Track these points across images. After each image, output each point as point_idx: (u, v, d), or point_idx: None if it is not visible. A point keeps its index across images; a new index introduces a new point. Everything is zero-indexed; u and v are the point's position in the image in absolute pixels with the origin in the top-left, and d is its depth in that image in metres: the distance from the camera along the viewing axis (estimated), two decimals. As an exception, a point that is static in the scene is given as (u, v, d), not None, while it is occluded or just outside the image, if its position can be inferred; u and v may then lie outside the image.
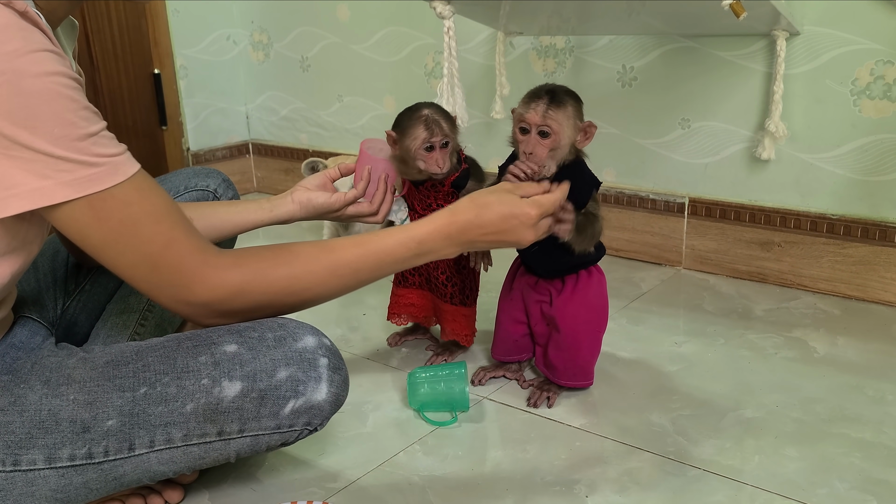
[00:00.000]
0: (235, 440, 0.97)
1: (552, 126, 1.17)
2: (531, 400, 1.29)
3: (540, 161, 1.18)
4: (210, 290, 0.94)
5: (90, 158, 0.82)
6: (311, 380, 0.97)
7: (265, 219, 1.23)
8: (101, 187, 0.83)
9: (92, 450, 0.92)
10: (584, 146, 1.21)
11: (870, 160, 1.61)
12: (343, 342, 1.55)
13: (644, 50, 1.83)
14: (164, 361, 0.95)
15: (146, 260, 0.89)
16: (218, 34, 2.61)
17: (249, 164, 2.77)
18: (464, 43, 2.05)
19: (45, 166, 0.80)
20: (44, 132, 0.79)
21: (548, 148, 1.18)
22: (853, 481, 1.06)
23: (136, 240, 0.88)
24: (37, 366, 0.95)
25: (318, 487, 1.09)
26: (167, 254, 0.90)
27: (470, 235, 1.05)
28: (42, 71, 0.78)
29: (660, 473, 1.09)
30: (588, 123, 1.20)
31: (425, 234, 1.04)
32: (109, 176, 0.84)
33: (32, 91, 0.78)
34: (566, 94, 1.20)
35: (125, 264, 0.90)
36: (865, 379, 1.33)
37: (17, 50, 0.77)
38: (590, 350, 1.30)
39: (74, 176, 0.82)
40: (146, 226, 0.88)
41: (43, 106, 0.79)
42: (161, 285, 0.92)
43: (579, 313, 1.27)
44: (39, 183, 0.80)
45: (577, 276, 1.28)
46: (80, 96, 0.82)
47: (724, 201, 1.80)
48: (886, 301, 1.63)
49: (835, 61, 1.60)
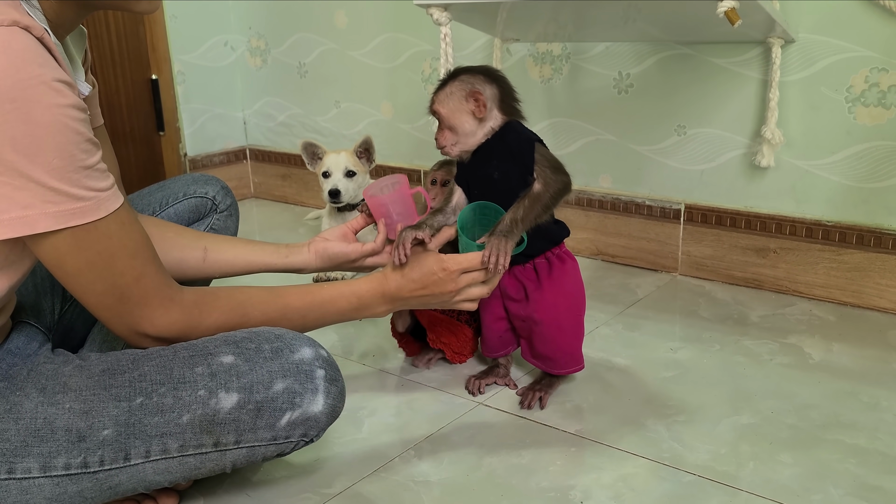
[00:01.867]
0: (231, 451, 0.97)
1: (439, 111, 1.21)
2: (524, 402, 1.30)
3: (443, 144, 1.22)
4: (168, 325, 0.98)
5: (80, 192, 0.84)
6: (307, 391, 0.98)
7: (279, 264, 1.28)
8: (85, 220, 0.85)
9: (87, 459, 0.92)
10: (481, 115, 1.19)
11: (865, 167, 1.61)
12: (338, 348, 1.55)
13: (640, 57, 1.84)
14: (161, 371, 0.95)
15: (115, 291, 0.92)
16: (216, 40, 2.61)
17: (247, 169, 2.78)
18: (460, 49, 2.06)
19: (33, 196, 0.81)
20: (42, 162, 0.80)
21: (446, 132, 1.22)
22: (848, 487, 1.06)
23: (108, 272, 0.91)
24: (33, 373, 0.95)
25: (312, 493, 1.09)
26: (136, 287, 0.93)
27: (402, 294, 1.14)
28: (53, 102, 0.80)
29: (655, 479, 1.09)
30: (470, 90, 1.19)
31: (364, 290, 1.14)
32: (94, 211, 0.86)
33: (41, 122, 0.79)
34: (453, 74, 1.23)
35: (93, 292, 0.92)
36: (860, 385, 1.33)
37: (33, 77, 0.78)
38: (574, 336, 1.31)
39: (59, 208, 0.83)
40: (122, 259, 0.91)
41: (48, 137, 0.80)
42: (122, 314, 0.95)
43: (558, 303, 1.27)
44: (22, 212, 0.82)
45: (549, 266, 1.27)
46: (85, 128, 0.84)
47: (720, 208, 1.81)
48: (882, 308, 1.64)
49: (830, 69, 1.61)
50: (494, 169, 1.20)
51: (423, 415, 1.29)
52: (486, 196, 1.19)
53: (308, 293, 1.12)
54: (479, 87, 1.19)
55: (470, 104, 1.20)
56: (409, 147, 2.34)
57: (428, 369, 1.45)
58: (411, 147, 2.33)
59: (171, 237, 1.20)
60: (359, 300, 1.14)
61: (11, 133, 0.78)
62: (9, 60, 0.77)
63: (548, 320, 1.27)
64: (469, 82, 1.20)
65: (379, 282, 1.15)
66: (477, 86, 1.20)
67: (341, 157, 1.94)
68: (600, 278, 1.87)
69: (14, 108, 0.77)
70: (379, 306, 1.15)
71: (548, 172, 1.17)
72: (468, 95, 1.19)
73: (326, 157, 1.96)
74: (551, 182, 1.17)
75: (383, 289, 1.14)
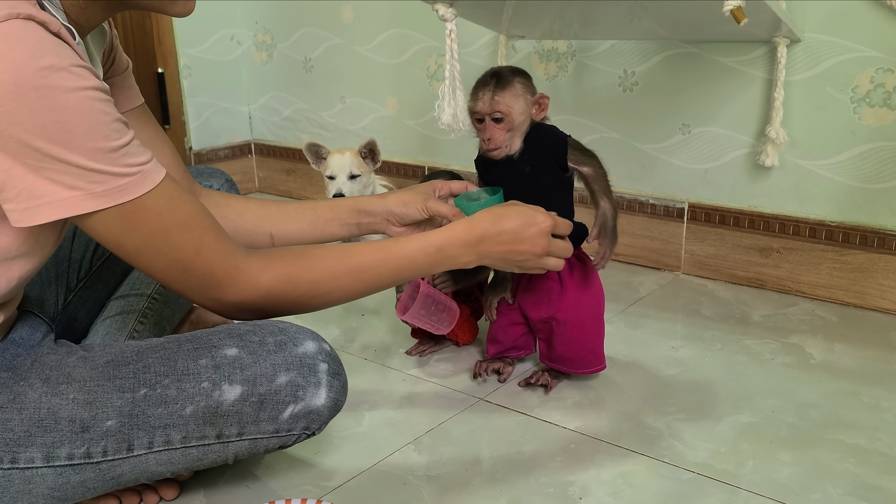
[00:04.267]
0: (234, 443, 0.98)
1: (502, 109, 1.21)
2: (531, 378, 1.32)
3: (499, 144, 1.22)
4: (241, 293, 0.96)
5: (122, 169, 0.84)
6: (310, 385, 0.98)
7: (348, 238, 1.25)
8: (132, 196, 0.85)
9: (90, 449, 0.93)
10: (540, 118, 1.25)
11: (869, 168, 1.61)
12: (341, 342, 1.56)
13: (645, 55, 1.84)
14: (165, 363, 0.95)
15: (178, 265, 0.92)
16: (222, 34, 2.62)
17: (251, 163, 2.78)
18: (466, 46, 2.06)
19: (77, 177, 0.81)
20: (77, 146, 0.80)
21: (504, 131, 1.22)
22: (847, 487, 1.06)
23: (167, 247, 0.90)
24: (36, 363, 0.95)
25: (312, 486, 1.09)
26: (198, 259, 0.92)
27: (487, 244, 1.08)
28: (76, 86, 0.80)
29: (654, 477, 1.09)
30: (540, 95, 1.24)
31: (444, 240, 1.06)
32: (139, 185, 0.85)
33: (67, 106, 0.79)
34: (511, 73, 1.24)
35: (158, 269, 0.92)
36: (861, 385, 1.33)
37: (52, 66, 0.78)
38: (596, 335, 1.33)
39: (106, 187, 0.83)
40: (177, 234, 0.90)
41: (77, 121, 0.80)
42: (193, 287, 0.95)
43: (581, 302, 1.29)
44: (69, 193, 0.81)
45: (570, 266, 1.28)
46: (112, 109, 0.84)
47: (724, 207, 1.80)
48: (884, 308, 1.64)
49: (835, 68, 1.60)
50: (525, 164, 1.24)
51: (424, 409, 1.29)
52: (517, 191, 1.18)
53: (382, 250, 1.05)
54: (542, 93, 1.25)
55: (532, 106, 1.23)
56: (413, 143, 2.34)
57: (421, 357, 1.47)
58: (416, 143, 2.33)
59: (233, 219, 1.18)
60: (437, 251, 1.06)
61: (41, 122, 0.78)
62: (27, 50, 0.77)
63: (571, 320, 1.28)
64: (530, 86, 1.24)
65: (464, 228, 1.07)
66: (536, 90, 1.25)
67: (346, 158, 1.93)
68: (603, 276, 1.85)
69: (39, 97, 0.77)
70: (463, 255, 1.07)
71: (587, 159, 1.25)
72: (537, 99, 1.23)
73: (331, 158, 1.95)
74: (597, 164, 1.25)
75: (468, 237, 1.07)
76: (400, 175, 2.35)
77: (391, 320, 1.64)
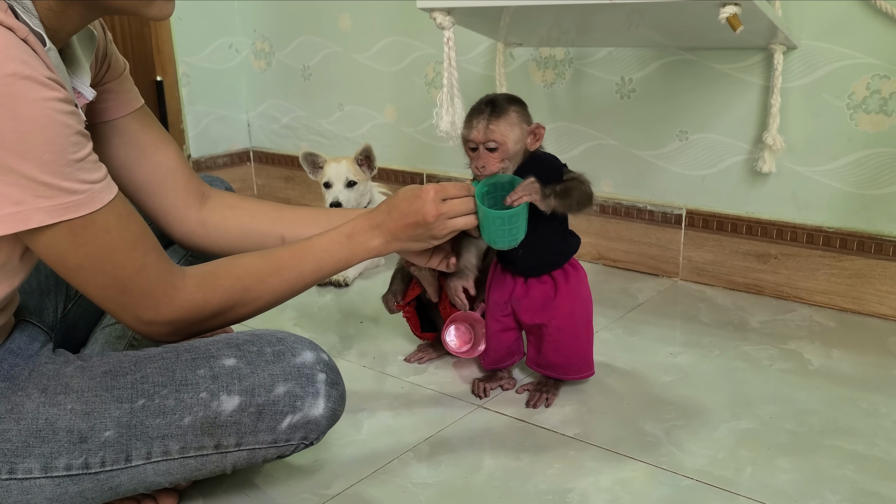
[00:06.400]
0: (232, 453, 0.98)
1: (496, 139, 1.19)
2: (530, 401, 1.31)
3: (493, 173, 1.20)
4: (176, 311, 0.98)
5: (73, 185, 0.83)
6: (308, 395, 0.98)
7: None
8: (81, 213, 0.85)
9: (88, 460, 0.93)
10: (535, 148, 1.24)
11: (866, 174, 1.61)
12: (340, 350, 1.56)
13: (643, 62, 1.84)
14: (163, 373, 0.95)
15: (117, 283, 0.92)
16: (220, 42, 2.62)
17: (250, 171, 2.78)
18: (464, 53, 2.07)
19: (24, 191, 0.81)
20: (33, 157, 0.80)
21: (498, 160, 1.20)
22: (845, 493, 1.06)
23: (109, 265, 0.91)
24: (34, 373, 0.95)
25: (311, 494, 1.09)
26: (138, 278, 0.93)
27: (388, 225, 1.12)
28: (38, 96, 0.79)
29: (653, 483, 1.09)
30: (536, 125, 1.23)
31: (351, 228, 1.13)
32: (88, 203, 0.86)
33: (27, 116, 0.79)
34: (507, 102, 1.22)
35: (95, 285, 0.92)
36: (859, 391, 1.33)
37: (16, 73, 0.78)
38: (587, 341, 1.33)
39: (53, 203, 0.83)
40: (122, 252, 0.91)
41: (36, 131, 0.79)
42: (127, 305, 0.95)
43: (575, 309, 1.29)
44: (15, 208, 0.81)
45: (565, 274, 1.29)
46: (74, 121, 0.83)
47: (722, 213, 1.81)
48: (882, 314, 1.64)
49: (831, 75, 1.61)
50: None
51: (423, 417, 1.29)
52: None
53: (299, 248, 1.10)
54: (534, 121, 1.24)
55: (528, 136, 1.22)
56: (411, 150, 2.34)
57: (419, 364, 1.47)
58: (414, 150, 2.34)
59: (247, 222, 1.21)
60: (348, 238, 1.12)
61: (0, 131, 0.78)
62: None
63: (565, 327, 1.28)
64: (526, 114, 1.23)
65: (366, 216, 1.14)
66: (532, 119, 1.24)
67: (342, 166, 1.93)
68: (601, 283, 1.88)
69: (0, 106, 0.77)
70: (372, 240, 1.13)
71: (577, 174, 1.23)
72: (532, 129, 1.22)
73: (327, 167, 1.95)
74: (584, 181, 1.22)
75: (370, 218, 1.14)
76: (398, 182, 2.35)
77: (389, 328, 1.64)
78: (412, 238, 1.14)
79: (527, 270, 1.29)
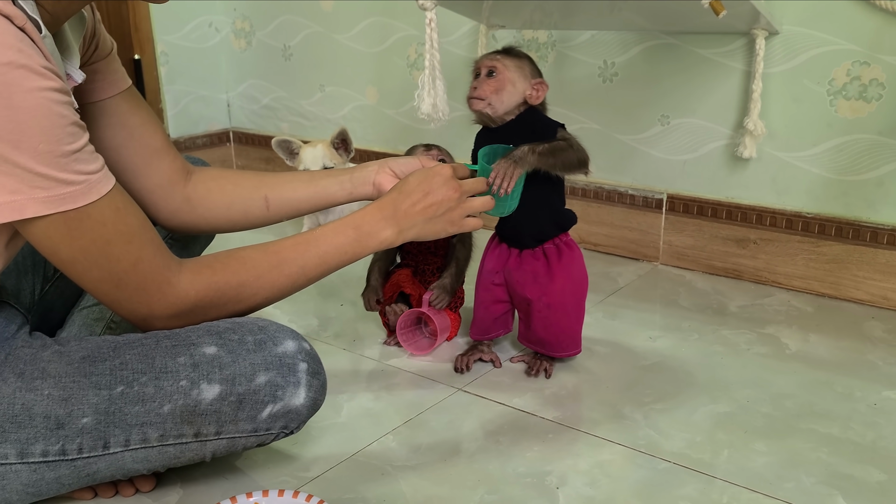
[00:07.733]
0: (211, 442, 0.97)
1: (497, 66, 1.24)
2: (531, 370, 1.34)
3: (483, 96, 1.24)
4: (169, 307, 0.96)
5: (69, 176, 0.82)
6: (289, 385, 0.98)
7: (344, 198, 1.23)
8: (77, 205, 0.84)
9: (66, 446, 0.92)
10: (535, 102, 1.27)
11: (845, 160, 1.62)
12: (319, 332, 1.55)
13: (625, 46, 1.84)
14: (143, 360, 0.94)
15: (112, 277, 0.91)
16: (200, 21, 2.59)
17: (230, 152, 2.76)
18: (446, 35, 2.05)
19: (20, 181, 0.80)
20: (28, 147, 0.78)
21: (493, 87, 1.24)
22: (820, 476, 1.07)
23: (104, 259, 0.89)
24: (10, 357, 0.94)
25: (290, 477, 1.09)
26: (133, 272, 0.92)
27: (401, 209, 1.08)
28: (34, 86, 0.78)
29: (630, 466, 1.10)
30: (539, 81, 1.27)
31: (359, 218, 1.08)
32: (84, 195, 0.84)
33: (22, 106, 0.77)
34: (524, 53, 1.29)
35: (91, 279, 0.91)
36: (835, 375, 1.35)
37: (12, 62, 0.77)
38: (577, 320, 1.35)
39: (49, 193, 0.81)
40: (117, 245, 0.89)
41: (31, 121, 0.78)
42: (121, 300, 0.94)
43: (566, 288, 1.30)
44: (10, 197, 0.80)
45: (559, 252, 1.30)
46: (69, 111, 0.82)
47: (702, 198, 1.82)
48: (858, 299, 1.66)
49: (812, 61, 1.61)
50: (509, 137, 1.24)
51: (402, 400, 1.29)
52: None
53: (302, 240, 1.06)
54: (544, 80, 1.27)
55: (529, 87, 1.26)
56: (393, 132, 2.33)
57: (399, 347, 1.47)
58: (395, 132, 2.33)
59: (230, 190, 1.19)
60: (356, 230, 1.06)
61: None
62: None
63: (555, 304, 1.30)
64: (536, 70, 1.27)
65: (375, 205, 1.08)
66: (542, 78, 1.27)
67: (318, 151, 1.92)
68: (582, 266, 1.88)
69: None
70: (383, 230, 1.07)
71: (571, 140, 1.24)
72: (537, 82, 1.26)
73: (303, 153, 1.93)
74: (574, 143, 1.23)
75: (380, 206, 1.08)
76: (380, 164, 2.34)
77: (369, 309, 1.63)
78: (429, 223, 1.09)
79: (521, 239, 1.30)
